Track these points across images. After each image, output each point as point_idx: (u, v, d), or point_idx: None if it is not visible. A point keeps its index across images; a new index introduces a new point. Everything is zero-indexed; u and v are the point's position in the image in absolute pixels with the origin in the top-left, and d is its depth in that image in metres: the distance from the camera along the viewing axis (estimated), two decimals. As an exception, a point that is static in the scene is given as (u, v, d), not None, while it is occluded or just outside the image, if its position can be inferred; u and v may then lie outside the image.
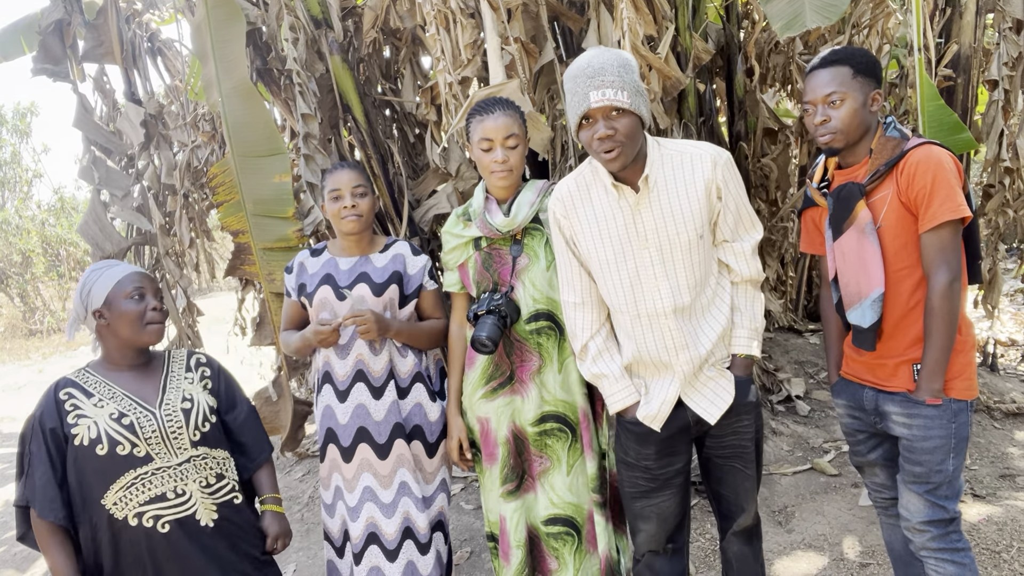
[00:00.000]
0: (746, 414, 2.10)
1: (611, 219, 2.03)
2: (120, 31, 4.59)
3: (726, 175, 2.01)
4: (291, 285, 2.50)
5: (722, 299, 2.09)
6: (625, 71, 1.90)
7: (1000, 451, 3.95)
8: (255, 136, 3.58)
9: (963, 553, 2.07)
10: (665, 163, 2.01)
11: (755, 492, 2.20)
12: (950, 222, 1.95)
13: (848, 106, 2.01)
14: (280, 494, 2.28)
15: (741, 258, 2.09)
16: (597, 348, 2.15)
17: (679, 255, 2.00)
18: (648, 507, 2.18)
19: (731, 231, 2.07)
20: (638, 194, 1.99)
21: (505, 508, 2.39)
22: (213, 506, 2.04)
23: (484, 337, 2.19)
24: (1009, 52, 4.38)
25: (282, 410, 4.11)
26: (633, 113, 1.90)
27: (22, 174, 18.21)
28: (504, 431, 2.36)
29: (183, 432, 2.02)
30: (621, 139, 1.90)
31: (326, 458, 2.46)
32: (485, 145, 2.24)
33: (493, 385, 2.37)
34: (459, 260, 2.42)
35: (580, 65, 1.92)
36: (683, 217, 1.98)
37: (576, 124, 1.95)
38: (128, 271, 2.05)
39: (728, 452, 2.14)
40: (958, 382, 2.03)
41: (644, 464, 2.14)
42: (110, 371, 2.06)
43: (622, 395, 2.13)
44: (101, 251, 4.53)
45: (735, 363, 2.10)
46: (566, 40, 4.11)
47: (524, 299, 2.31)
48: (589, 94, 1.87)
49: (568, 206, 2.11)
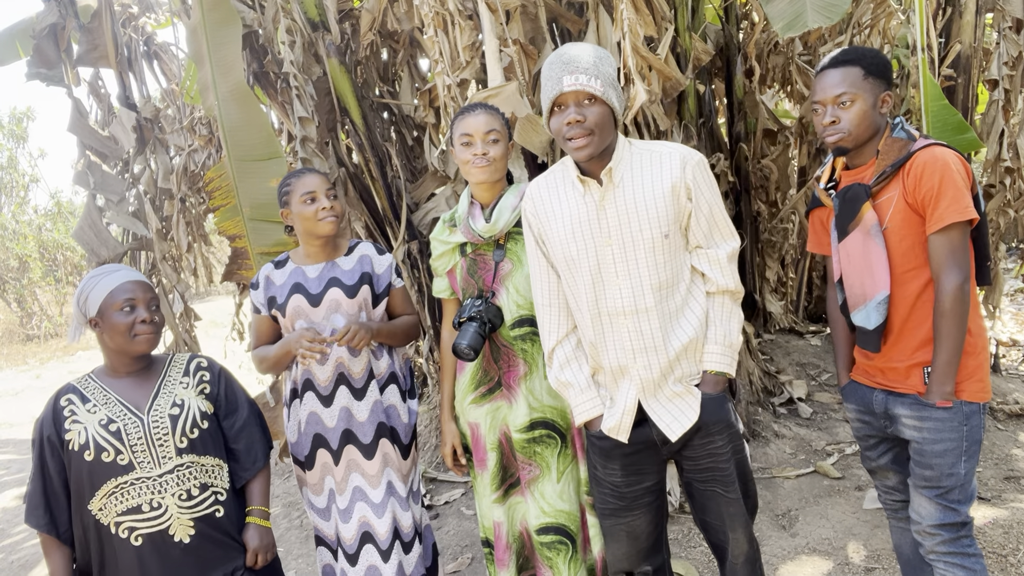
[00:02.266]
0: (718, 434, 2.01)
1: (577, 215, 2.00)
2: (115, 35, 4.57)
3: (697, 176, 1.97)
4: (259, 300, 2.46)
5: (692, 310, 2.02)
6: (601, 62, 1.89)
7: (1004, 453, 3.93)
8: (252, 140, 3.56)
9: (974, 559, 2.04)
10: (634, 160, 1.98)
11: (744, 518, 2.08)
12: (958, 224, 1.93)
13: (858, 107, 1.99)
14: (270, 507, 2.25)
15: (716, 266, 2.01)
16: (565, 356, 2.11)
17: (642, 254, 1.95)
18: (617, 526, 2.11)
19: (705, 236, 2.01)
20: (603, 188, 1.96)
21: (498, 512, 2.38)
22: (190, 521, 2.03)
23: (464, 346, 2.19)
24: (1009, 51, 4.36)
25: (280, 416, 4.08)
26: (605, 103, 1.88)
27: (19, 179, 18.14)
28: (494, 436, 2.36)
29: (169, 439, 2.02)
30: (591, 127, 1.87)
31: (316, 464, 2.44)
32: (465, 140, 2.24)
33: (482, 391, 2.36)
34: (447, 266, 2.42)
35: (557, 54, 1.92)
36: (647, 215, 1.94)
37: (548, 111, 1.93)
38: (122, 280, 2.04)
39: (706, 476, 2.05)
40: (970, 384, 2.00)
41: (611, 480, 2.09)
42: (109, 377, 2.10)
43: (587, 406, 2.07)
44: (97, 257, 4.50)
45: (705, 379, 2.02)
46: (565, 42, 4.08)
47: (508, 304, 2.30)
48: (563, 78, 1.86)
49: (538, 203, 2.08)
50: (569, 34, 3.99)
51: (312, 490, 2.48)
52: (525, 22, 3.44)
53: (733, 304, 2.05)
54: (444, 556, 3.51)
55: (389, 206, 4.13)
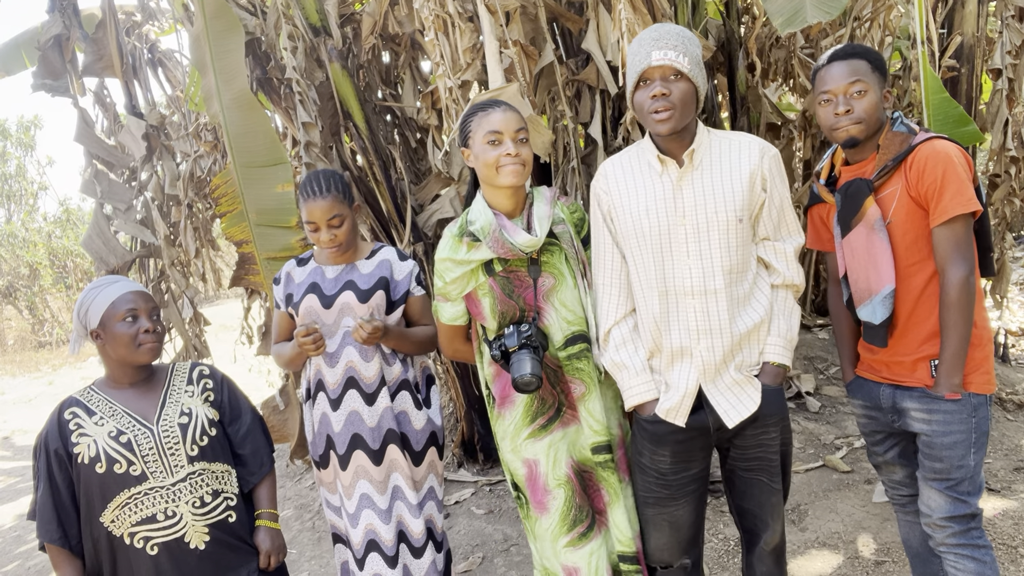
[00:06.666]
0: (773, 426, 2.04)
1: (651, 193, 2.01)
2: (120, 44, 4.59)
3: (773, 167, 2.01)
4: (279, 296, 2.49)
5: (758, 299, 2.04)
6: (690, 42, 1.93)
7: (1014, 443, 3.91)
8: (256, 146, 3.57)
9: (984, 551, 2.05)
10: (712, 145, 2.01)
11: (781, 508, 2.12)
12: (962, 216, 1.94)
13: (870, 97, 2.00)
14: (278, 509, 2.28)
15: (783, 258, 2.05)
16: (621, 336, 2.09)
17: (715, 235, 1.97)
18: (660, 515, 2.12)
19: (774, 228, 2.05)
20: (682, 169, 1.99)
21: (579, 556, 2.11)
22: (205, 528, 2.05)
23: (529, 375, 1.96)
24: (1012, 40, 4.35)
25: (290, 418, 4.11)
26: (690, 81, 1.91)
27: (27, 187, 18.26)
28: (563, 469, 2.13)
29: (180, 448, 2.04)
30: (675, 101, 1.90)
31: (329, 464, 2.46)
32: (492, 138, 2.02)
33: (541, 422, 2.14)
34: (465, 289, 2.14)
35: (647, 31, 1.95)
36: (724, 197, 1.96)
37: (633, 85, 1.95)
38: (122, 291, 2.05)
39: (753, 465, 2.08)
40: (976, 376, 2.01)
41: (658, 468, 2.07)
42: (112, 388, 2.10)
43: (641, 389, 2.05)
44: (106, 265, 4.54)
45: (765, 371, 2.04)
46: (565, 41, 4.09)
47: (557, 322, 2.11)
48: (651, 52, 1.89)
49: (611, 180, 2.09)
50: (570, 33, 4.00)
51: (328, 488, 2.50)
52: (525, 23, 3.45)
53: (794, 300, 2.09)
54: (455, 556, 3.53)
55: (394, 208, 4.14)
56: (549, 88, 3.70)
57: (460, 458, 4.46)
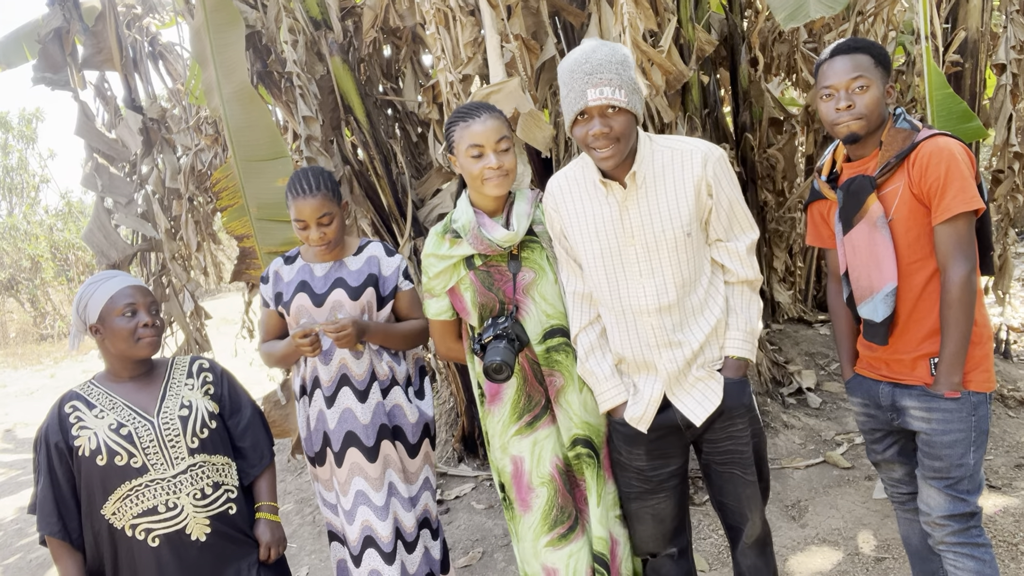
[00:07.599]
0: (739, 417, 2.06)
1: (598, 215, 2.02)
2: (120, 36, 4.58)
3: (718, 172, 1.99)
4: (268, 295, 2.48)
5: (715, 300, 2.06)
6: (623, 68, 1.89)
7: (1015, 440, 3.91)
8: (257, 140, 3.57)
9: (983, 549, 2.05)
10: (655, 159, 2.00)
11: (759, 500, 2.14)
12: (964, 213, 1.93)
13: (873, 93, 1.98)
14: (278, 503, 2.29)
15: (735, 258, 2.05)
16: (589, 343, 2.12)
17: (665, 253, 1.98)
18: (643, 509, 2.15)
19: (724, 230, 2.04)
20: (626, 190, 1.98)
21: (557, 557, 2.12)
22: (206, 520, 2.06)
23: (499, 361, 1.99)
24: (1017, 35, 4.32)
25: (292, 413, 4.10)
26: (629, 112, 1.90)
27: (29, 180, 18.27)
28: (547, 467, 2.15)
29: (180, 440, 2.05)
30: (616, 136, 1.89)
31: (326, 461, 2.46)
32: (475, 151, 2.07)
33: (528, 419, 2.17)
34: (448, 284, 2.22)
35: (577, 59, 1.91)
36: (670, 215, 1.96)
37: (571, 120, 1.94)
38: (121, 286, 2.06)
39: (725, 458, 2.10)
40: (976, 374, 2.00)
41: (636, 465, 2.12)
42: (113, 382, 2.11)
43: (610, 394, 2.10)
44: (107, 259, 4.54)
45: (726, 365, 2.06)
46: (567, 35, 4.07)
47: (536, 315, 2.15)
48: (587, 91, 1.87)
49: (558, 200, 2.10)
50: (571, 28, 3.98)
51: (324, 486, 2.51)
52: (526, 17, 3.43)
53: (752, 292, 2.09)
54: (455, 551, 3.54)
55: (395, 203, 4.13)
56: (550, 83, 3.69)
57: (460, 453, 4.46)
